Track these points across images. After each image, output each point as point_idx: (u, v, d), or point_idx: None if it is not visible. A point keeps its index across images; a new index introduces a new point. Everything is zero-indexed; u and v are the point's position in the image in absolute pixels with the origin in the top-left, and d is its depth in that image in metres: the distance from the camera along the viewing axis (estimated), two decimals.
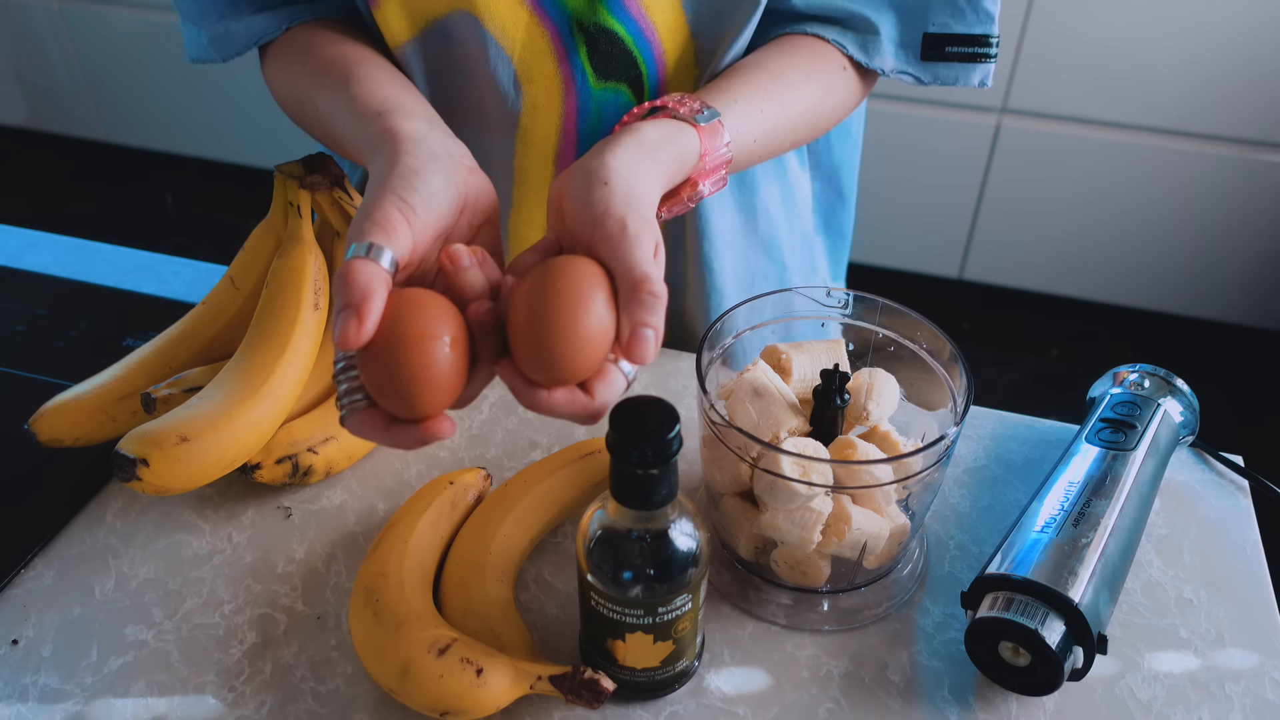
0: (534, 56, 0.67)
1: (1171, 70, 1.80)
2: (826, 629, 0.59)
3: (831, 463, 0.55)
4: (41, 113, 2.65)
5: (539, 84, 0.69)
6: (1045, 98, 1.89)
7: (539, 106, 0.70)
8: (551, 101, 0.70)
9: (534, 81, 0.68)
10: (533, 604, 0.60)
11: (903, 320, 0.62)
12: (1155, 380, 0.67)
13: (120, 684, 0.56)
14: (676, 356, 0.78)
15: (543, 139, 0.71)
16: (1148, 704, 0.55)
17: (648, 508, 0.48)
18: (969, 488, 0.68)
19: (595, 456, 0.65)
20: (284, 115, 0.70)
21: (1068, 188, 1.97)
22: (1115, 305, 2.09)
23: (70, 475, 0.67)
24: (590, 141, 0.71)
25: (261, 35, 0.68)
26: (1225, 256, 1.97)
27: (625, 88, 0.69)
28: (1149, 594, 0.61)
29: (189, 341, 0.70)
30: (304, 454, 0.64)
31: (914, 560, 0.62)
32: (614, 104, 0.70)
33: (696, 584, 0.51)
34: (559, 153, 0.72)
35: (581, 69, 0.68)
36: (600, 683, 0.51)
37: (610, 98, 0.70)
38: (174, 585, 0.61)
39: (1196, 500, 0.67)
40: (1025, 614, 0.52)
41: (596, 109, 0.70)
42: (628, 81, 0.69)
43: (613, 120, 0.70)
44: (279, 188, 0.68)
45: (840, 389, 0.58)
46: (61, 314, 0.82)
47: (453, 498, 0.62)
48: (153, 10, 2.34)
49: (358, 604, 0.55)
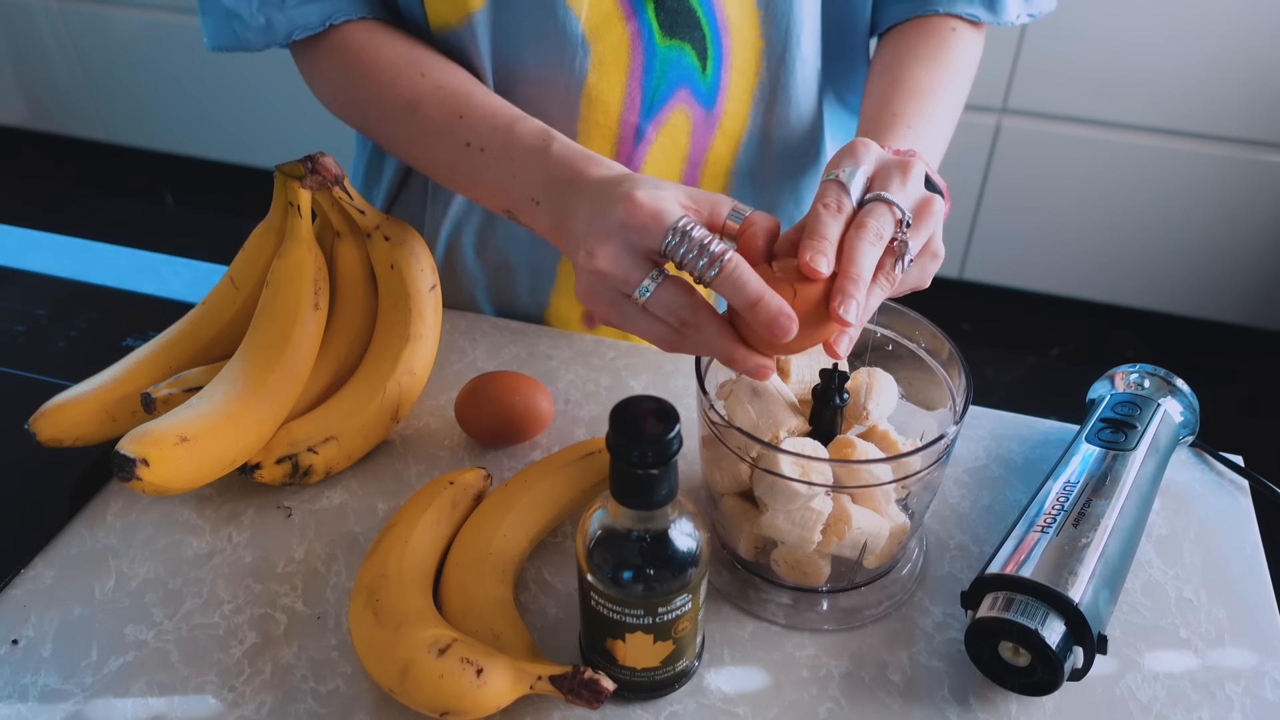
0: (601, 16, 0.69)
1: (1171, 70, 1.80)
2: (826, 629, 0.59)
3: (831, 462, 0.55)
4: (41, 113, 2.65)
5: (606, 42, 0.70)
6: (1045, 98, 1.89)
7: (606, 64, 0.71)
8: (618, 59, 0.71)
9: (601, 40, 0.70)
10: (533, 604, 0.60)
11: (902, 320, 0.62)
12: (1155, 380, 0.67)
13: (120, 684, 0.56)
14: (676, 356, 0.78)
15: (608, 97, 0.72)
16: (1148, 704, 0.55)
17: (648, 508, 0.48)
18: (969, 488, 0.68)
19: (595, 456, 0.65)
20: (285, 115, 0.70)
21: (1068, 187, 1.97)
22: (1115, 305, 2.09)
23: (70, 475, 0.67)
24: (654, 100, 0.73)
25: (301, 29, 0.68)
26: (1225, 256, 1.97)
27: (689, 47, 0.71)
28: (1149, 594, 0.61)
29: (189, 341, 0.70)
30: (304, 454, 0.64)
31: (914, 560, 0.62)
32: (677, 63, 0.72)
33: (696, 584, 0.51)
34: (623, 110, 0.73)
35: (649, 25, 0.70)
36: (600, 683, 0.51)
37: (674, 56, 0.72)
38: (174, 585, 0.61)
39: (1196, 500, 0.67)
40: (1025, 614, 0.52)
41: (661, 66, 0.72)
42: (691, 41, 0.71)
43: (676, 81, 0.73)
44: (279, 187, 0.68)
45: (839, 388, 0.58)
46: (61, 314, 0.82)
47: (453, 498, 0.62)
48: (153, 10, 2.34)
49: (358, 604, 0.55)
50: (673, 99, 0.74)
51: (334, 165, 0.68)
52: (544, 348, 0.78)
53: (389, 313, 0.70)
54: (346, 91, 0.71)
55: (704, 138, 0.76)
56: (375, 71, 0.68)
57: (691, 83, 0.73)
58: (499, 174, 0.63)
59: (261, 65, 2.30)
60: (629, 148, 0.75)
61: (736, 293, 0.50)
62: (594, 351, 0.78)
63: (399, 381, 0.68)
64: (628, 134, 0.74)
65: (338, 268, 0.71)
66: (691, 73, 0.73)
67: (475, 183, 0.65)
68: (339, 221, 0.70)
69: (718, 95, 0.74)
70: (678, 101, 0.74)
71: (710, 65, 0.73)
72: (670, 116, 0.74)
